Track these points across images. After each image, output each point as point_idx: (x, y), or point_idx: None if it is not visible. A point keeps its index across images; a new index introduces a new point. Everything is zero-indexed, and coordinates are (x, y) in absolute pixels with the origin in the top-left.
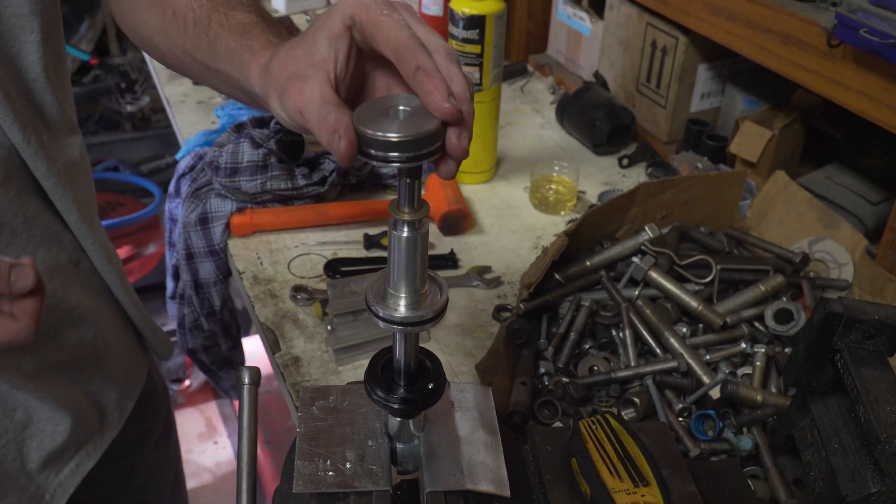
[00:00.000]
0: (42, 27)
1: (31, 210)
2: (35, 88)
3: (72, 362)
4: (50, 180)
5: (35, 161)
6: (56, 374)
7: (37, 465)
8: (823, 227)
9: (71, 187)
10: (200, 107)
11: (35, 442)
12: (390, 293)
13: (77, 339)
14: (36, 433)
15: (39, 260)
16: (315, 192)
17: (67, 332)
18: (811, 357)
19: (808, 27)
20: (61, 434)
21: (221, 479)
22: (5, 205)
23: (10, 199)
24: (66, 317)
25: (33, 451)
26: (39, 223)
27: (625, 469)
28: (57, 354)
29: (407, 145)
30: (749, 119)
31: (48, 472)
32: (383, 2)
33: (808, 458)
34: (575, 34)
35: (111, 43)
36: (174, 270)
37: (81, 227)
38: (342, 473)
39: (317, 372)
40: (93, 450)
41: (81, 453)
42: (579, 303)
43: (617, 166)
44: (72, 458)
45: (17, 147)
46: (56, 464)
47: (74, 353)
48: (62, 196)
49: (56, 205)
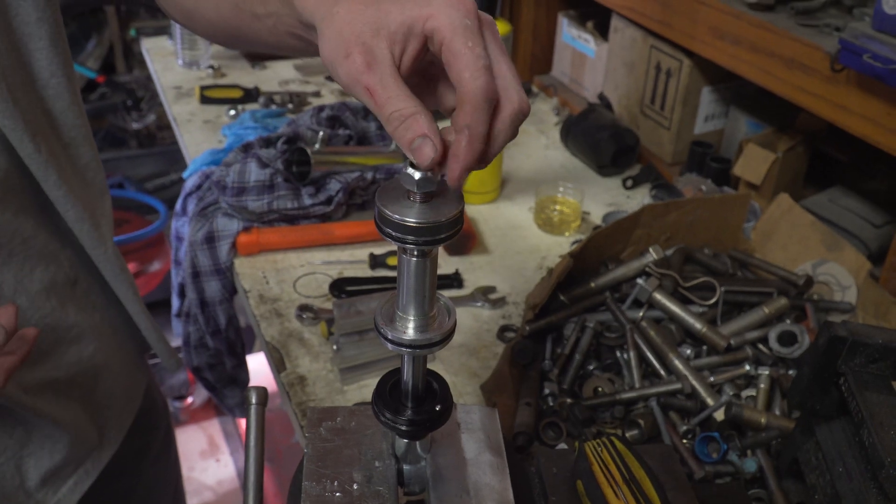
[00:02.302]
0: (49, 33)
1: (29, 230)
2: (45, 95)
3: (70, 380)
4: (60, 190)
5: (46, 171)
6: (54, 391)
7: (35, 482)
8: (827, 249)
9: (81, 196)
10: (207, 126)
11: (34, 460)
12: (399, 316)
13: (75, 357)
14: (35, 451)
15: (36, 279)
16: (321, 212)
17: (65, 350)
18: (816, 380)
19: (812, 52)
20: (60, 451)
21: (223, 497)
22: (3, 225)
23: (7, 220)
24: (64, 335)
25: (32, 468)
26: (37, 242)
27: (630, 492)
28: (55, 372)
29: (423, 231)
30: (753, 142)
31: (46, 490)
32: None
33: (813, 482)
34: (579, 56)
35: (118, 61)
36: (180, 288)
37: (93, 238)
38: (349, 494)
39: (322, 391)
40: (91, 467)
41: (80, 471)
42: (584, 324)
43: (621, 187)
44: (70, 475)
45: (27, 158)
46: (55, 481)
47: (72, 371)
48: (73, 206)
49: (65, 217)
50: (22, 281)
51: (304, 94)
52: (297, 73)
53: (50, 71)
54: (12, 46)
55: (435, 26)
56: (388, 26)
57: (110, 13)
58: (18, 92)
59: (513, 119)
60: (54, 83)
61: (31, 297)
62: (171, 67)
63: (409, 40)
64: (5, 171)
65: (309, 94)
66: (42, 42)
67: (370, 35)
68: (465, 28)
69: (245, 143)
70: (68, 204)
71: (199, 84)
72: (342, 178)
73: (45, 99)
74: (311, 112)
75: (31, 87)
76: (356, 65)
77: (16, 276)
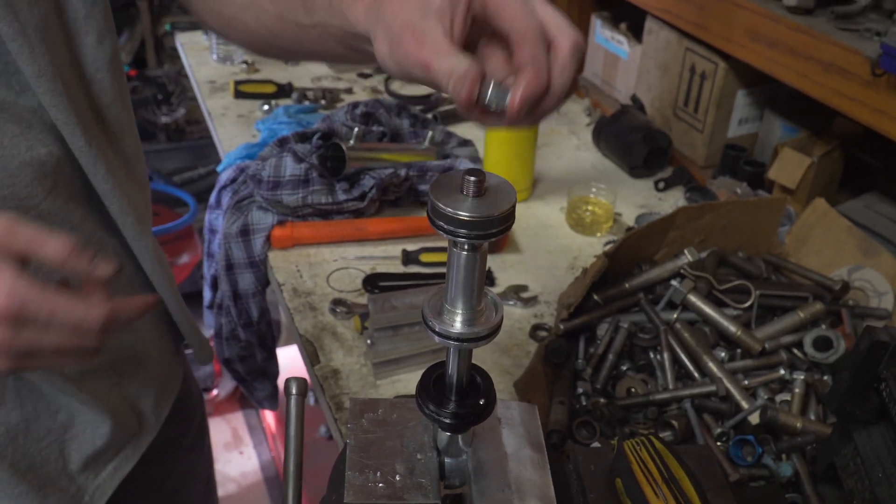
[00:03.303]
0: (97, 29)
1: (79, 217)
2: (94, 90)
3: (112, 366)
4: (108, 183)
5: (95, 165)
6: (97, 377)
7: (77, 466)
8: (863, 255)
9: (127, 190)
10: (241, 120)
11: (76, 443)
12: (447, 309)
13: (117, 344)
14: (77, 435)
15: None
16: (354, 208)
17: (108, 336)
18: (855, 385)
19: (852, 56)
20: (101, 436)
21: (247, 490)
22: (53, 212)
23: (58, 207)
24: None
25: (74, 452)
26: (85, 230)
27: (670, 491)
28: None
29: (476, 225)
30: (788, 146)
31: (88, 474)
32: None
33: (851, 487)
34: (612, 57)
35: (149, 55)
36: (212, 280)
37: (135, 231)
38: (392, 486)
39: (355, 385)
40: (131, 452)
41: (120, 456)
42: (618, 324)
43: (653, 189)
44: (111, 460)
45: (78, 151)
46: (96, 466)
47: (115, 358)
48: (119, 199)
49: (111, 209)
50: None
51: (337, 91)
52: (330, 69)
53: (96, 66)
54: (67, 43)
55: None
56: (432, 5)
57: (142, 8)
58: (71, 87)
59: (572, 52)
60: (100, 78)
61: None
62: (206, 62)
63: (455, 11)
64: (57, 160)
65: (341, 91)
66: (90, 38)
67: (419, 18)
68: None
69: (281, 137)
70: (114, 196)
71: (233, 79)
72: (376, 175)
73: (93, 93)
74: (345, 108)
75: (81, 82)
76: (409, 46)
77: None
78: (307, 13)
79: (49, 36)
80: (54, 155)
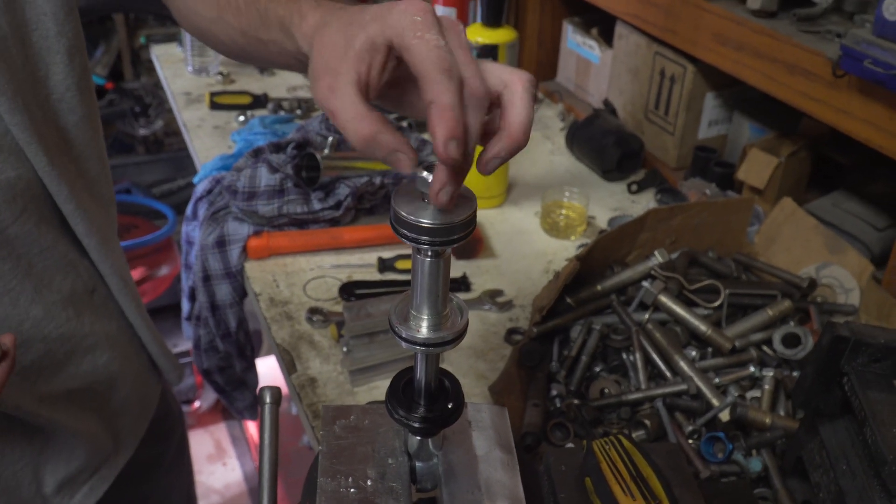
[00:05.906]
0: (66, 47)
1: (50, 240)
2: (60, 109)
3: (86, 389)
4: (70, 204)
5: (58, 186)
6: (70, 401)
7: (52, 489)
8: (830, 252)
9: (89, 210)
10: (217, 131)
11: (50, 466)
12: (413, 315)
13: (91, 366)
14: (51, 458)
15: (55, 289)
16: (330, 216)
17: (80, 359)
18: (819, 380)
19: (814, 57)
20: (76, 459)
21: (230, 501)
22: (23, 236)
23: (28, 231)
24: (80, 344)
25: (48, 475)
26: (57, 252)
27: (638, 488)
28: (71, 382)
29: (437, 231)
30: (756, 146)
31: (62, 496)
32: (422, 23)
33: (817, 480)
34: (584, 62)
35: (126, 68)
36: (190, 292)
37: (100, 252)
38: (364, 491)
39: (332, 393)
40: (106, 473)
41: (95, 477)
42: (590, 326)
43: (626, 192)
44: (86, 481)
45: (41, 171)
46: (70, 487)
47: (88, 380)
48: (82, 220)
49: (75, 230)
50: (41, 291)
51: (312, 101)
52: (305, 79)
53: (66, 85)
54: (28, 61)
55: (390, 34)
56: (353, 47)
57: (119, 21)
58: (33, 106)
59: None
60: (69, 97)
61: (48, 307)
62: (181, 74)
63: (373, 55)
64: (27, 182)
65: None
66: (59, 56)
67: (338, 59)
68: (413, 24)
69: (256, 148)
70: (78, 217)
71: (209, 90)
72: (351, 183)
73: (59, 112)
74: (320, 118)
75: (47, 101)
76: (322, 91)
77: (35, 287)
78: (265, 28)
79: (8, 55)
80: (23, 178)
